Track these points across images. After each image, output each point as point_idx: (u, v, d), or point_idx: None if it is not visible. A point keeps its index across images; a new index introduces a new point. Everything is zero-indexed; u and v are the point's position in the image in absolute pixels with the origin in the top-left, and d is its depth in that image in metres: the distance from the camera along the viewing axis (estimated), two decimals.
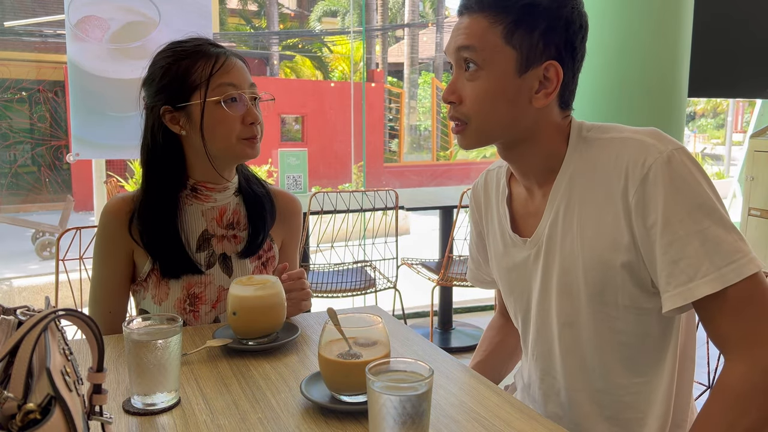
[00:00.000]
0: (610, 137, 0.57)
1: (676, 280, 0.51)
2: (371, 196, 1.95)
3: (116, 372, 0.60)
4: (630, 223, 0.54)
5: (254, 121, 0.72)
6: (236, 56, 0.74)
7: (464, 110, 0.57)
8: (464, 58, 0.56)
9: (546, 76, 0.55)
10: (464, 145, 0.60)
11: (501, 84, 0.55)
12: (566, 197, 0.58)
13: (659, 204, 0.51)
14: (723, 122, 11.50)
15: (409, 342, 0.69)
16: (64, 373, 0.35)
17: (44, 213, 6.20)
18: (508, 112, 0.56)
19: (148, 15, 2.07)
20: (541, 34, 0.54)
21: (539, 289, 0.61)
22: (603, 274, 0.55)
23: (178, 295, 0.76)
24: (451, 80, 0.58)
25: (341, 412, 0.52)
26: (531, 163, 0.60)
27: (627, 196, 0.53)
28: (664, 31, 1.60)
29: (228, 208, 0.79)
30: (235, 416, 0.52)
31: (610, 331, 0.57)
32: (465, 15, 0.57)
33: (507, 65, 0.55)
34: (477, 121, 0.57)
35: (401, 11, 10.97)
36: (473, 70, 0.55)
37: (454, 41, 0.57)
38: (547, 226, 0.59)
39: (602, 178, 0.55)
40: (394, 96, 8.81)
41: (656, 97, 1.65)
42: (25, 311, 0.38)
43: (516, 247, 0.63)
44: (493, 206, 0.68)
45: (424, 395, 0.42)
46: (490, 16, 0.55)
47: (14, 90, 6.15)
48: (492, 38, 0.55)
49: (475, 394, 0.56)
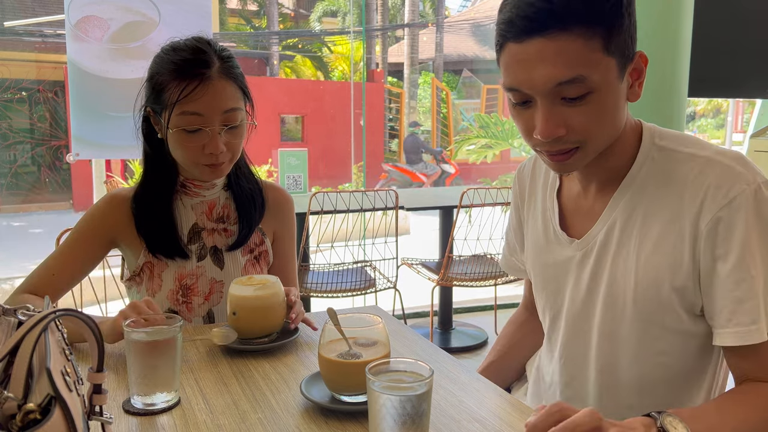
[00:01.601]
0: (690, 153, 0.53)
1: (737, 319, 0.50)
2: (371, 196, 1.95)
3: (116, 372, 0.60)
4: (695, 248, 0.51)
5: (213, 153, 0.70)
6: (226, 74, 0.70)
7: (575, 138, 0.50)
8: (568, 91, 0.47)
9: (635, 68, 0.51)
10: (571, 169, 0.53)
11: (612, 98, 0.49)
12: (630, 206, 0.54)
13: (737, 237, 0.49)
14: (723, 122, 11.48)
15: (409, 342, 0.69)
16: (65, 373, 0.35)
17: (44, 213, 6.20)
18: (618, 122, 0.51)
19: (148, 15, 2.07)
20: (629, 28, 0.49)
21: (583, 294, 0.58)
22: (654, 293, 0.53)
23: (170, 287, 0.76)
24: (545, 114, 0.48)
25: (341, 413, 0.52)
26: (600, 166, 0.55)
27: (699, 219, 0.50)
28: (664, 30, 1.60)
29: (217, 202, 0.80)
30: (235, 416, 0.52)
31: (651, 351, 0.55)
32: (537, 38, 0.46)
33: (611, 76, 0.48)
34: (592, 142, 0.50)
35: (401, 11, 10.96)
36: (579, 98, 0.48)
37: (545, 76, 0.47)
38: (602, 232, 0.56)
39: (675, 195, 0.52)
40: (394, 96, 8.81)
41: (656, 98, 1.65)
42: (25, 311, 0.38)
43: (561, 245, 0.59)
44: (539, 195, 0.63)
45: (424, 395, 0.42)
46: (581, 32, 0.45)
47: (14, 90, 6.15)
48: (593, 56, 0.46)
49: (475, 395, 0.56)
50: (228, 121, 0.71)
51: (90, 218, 0.77)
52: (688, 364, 0.56)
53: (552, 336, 0.63)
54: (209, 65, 0.70)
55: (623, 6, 0.48)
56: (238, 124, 0.72)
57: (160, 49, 0.74)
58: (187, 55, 0.71)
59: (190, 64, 0.70)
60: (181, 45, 0.73)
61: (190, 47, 0.72)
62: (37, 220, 5.89)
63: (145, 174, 0.77)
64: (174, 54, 0.72)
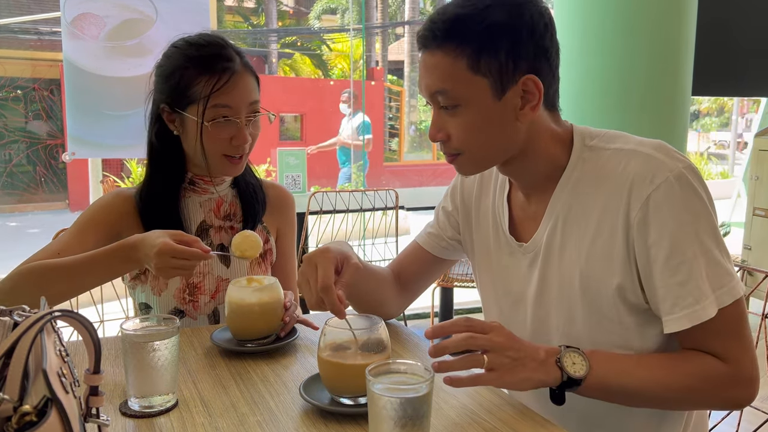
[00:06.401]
0: (616, 148, 0.55)
1: (683, 302, 0.50)
2: (371, 196, 1.95)
3: (113, 374, 0.60)
4: (627, 239, 0.52)
5: (241, 144, 0.72)
6: (247, 68, 0.73)
7: (454, 145, 0.55)
8: (439, 99, 0.54)
9: (526, 90, 0.53)
10: (463, 172, 0.59)
11: (482, 114, 0.53)
12: (567, 206, 0.57)
13: (667, 223, 0.50)
14: (728, 121, 11.41)
15: (410, 344, 0.69)
16: (61, 374, 0.35)
17: (40, 213, 6.16)
18: (498, 137, 0.55)
19: (144, 12, 2.05)
20: (507, 53, 0.52)
21: (534, 297, 0.59)
22: (599, 288, 0.55)
23: (177, 285, 0.76)
24: (433, 118, 0.56)
25: (341, 415, 0.51)
26: (530, 173, 0.59)
27: (629, 211, 0.52)
28: (667, 29, 1.59)
29: (225, 199, 0.80)
30: (234, 419, 0.51)
31: (607, 345, 0.56)
32: (425, 52, 0.54)
33: (482, 95, 0.53)
34: (470, 152, 0.56)
35: (401, 8, 10.93)
36: (451, 108, 0.54)
37: (425, 85, 0.55)
38: (545, 235, 0.58)
39: (604, 190, 0.54)
40: (395, 94, 8.80)
41: (660, 96, 1.65)
42: (21, 312, 0.37)
43: (510, 248, 0.62)
44: (490, 197, 0.65)
45: (424, 397, 0.42)
46: (450, 51, 0.52)
47: (9, 88, 6.10)
48: (458, 74, 0.52)
49: (476, 397, 0.55)
50: (253, 112, 0.73)
51: (96, 210, 0.76)
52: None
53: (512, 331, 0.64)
54: (233, 59, 0.72)
55: (497, 29, 0.51)
56: (260, 115, 0.74)
57: (170, 45, 0.74)
58: (212, 50, 0.71)
59: (217, 59, 0.71)
60: (198, 40, 0.73)
61: (211, 42, 0.72)
62: (32, 220, 5.86)
63: (151, 171, 0.77)
64: (194, 49, 0.72)
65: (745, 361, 0.51)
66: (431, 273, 0.73)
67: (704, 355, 0.52)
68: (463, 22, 0.52)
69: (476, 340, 0.49)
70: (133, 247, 0.64)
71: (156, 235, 0.62)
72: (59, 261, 0.66)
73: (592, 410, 0.58)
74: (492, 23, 0.51)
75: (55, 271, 0.65)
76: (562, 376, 0.50)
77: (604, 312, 0.55)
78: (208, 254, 0.62)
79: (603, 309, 0.55)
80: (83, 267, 0.65)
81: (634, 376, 0.51)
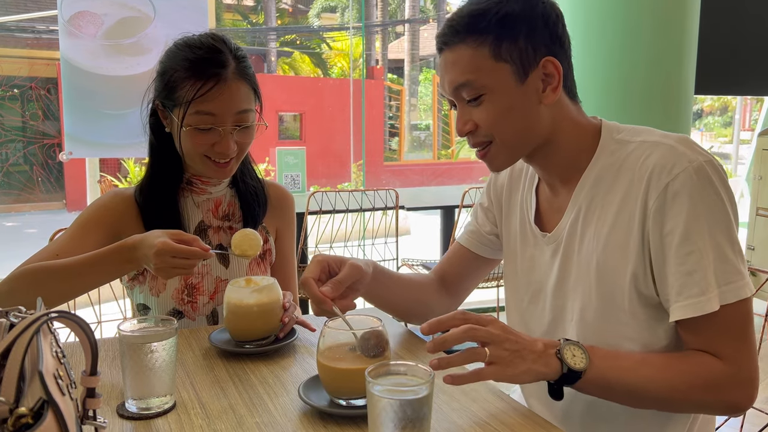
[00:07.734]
0: (640, 140, 0.56)
1: (688, 291, 0.51)
2: (371, 196, 1.94)
3: (110, 375, 0.59)
4: (643, 227, 0.53)
5: (224, 151, 0.70)
6: (242, 75, 0.70)
7: (483, 132, 0.57)
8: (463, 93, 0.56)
9: (546, 73, 0.56)
10: (495, 166, 0.59)
11: (508, 99, 0.55)
12: (589, 196, 0.58)
13: (682, 213, 0.51)
14: (731, 120, 11.38)
15: (410, 345, 0.69)
16: (57, 376, 0.34)
17: (37, 213, 6.14)
18: (524, 121, 0.56)
19: (142, 10, 2.04)
20: (526, 38, 0.55)
21: (554, 286, 0.60)
22: (614, 277, 0.55)
23: (176, 285, 0.76)
24: (458, 114, 0.58)
25: (340, 417, 0.51)
26: (554, 163, 0.60)
27: (647, 199, 0.53)
28: (670, 27, 1.58)
29: (223, 200, 0.80)
30: (232, 421, 0.51)
31: (617, 336, 0.56)
32: (446, 50, 0.56)
33: (506, 80, 0.55)
34: (500, 138, 0.57)
35: (401, 6, 10.92)
36: (476, 99, 0.56)
37: (448, 81, 0.57)
38: (567, 224, 0.59)
39: (626, 180, 0.55)
40: (395, 93, 8.79)
41: (663, 95, 1.64)
42: (17, 313, 0.37)
43: (535, 239, 0.62)
44: (520, 191, 0.67)
45: (425, 399, 0.42)
46: (472, 43, 0.55)
47: (6, 87, 6.07)
48: (481, 62, 0.55)
49: (478, 399, 0.55)
50: (240, 122, 0.71)
51: (94, 210, 0.75)
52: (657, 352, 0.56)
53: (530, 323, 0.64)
54: (225, 65, 0.69)
55: (514, 18, 0.55)
56: (249, 125, 0.72)
57: (173, 43, 0.73)
58: (204, 53, 0.69)
59: (207, 64, 0.69)
60: (196, 42, 0.71)
61: (207, 45, 0.70)
62: (29, 220, 5.83)
63: (152, 168, 0.77)
64: (189, 51, 0.70)
65: (745, 363, 0.51)
66: (474, 273, 0.73)
67: (704, 355, 0.52)
68: (481, 15, 0.55)
69: (477, 331, 0.49)
70: (132, 247, 0.63)
71: (155, 235, 0.62)
72: (58, 262, 0.66)
73: (594, 412, 0.58)
74: (508, 12, 0.55)
75: (55, 273, 0.65)
76: (561, 368, 0.49)
77: (617, 302, 0.55)
78: (208, 253, 0.62)
79: (616, 299, 0.55)
80: (82, 268, 0.65)
81: (633, 372, 0.51)
